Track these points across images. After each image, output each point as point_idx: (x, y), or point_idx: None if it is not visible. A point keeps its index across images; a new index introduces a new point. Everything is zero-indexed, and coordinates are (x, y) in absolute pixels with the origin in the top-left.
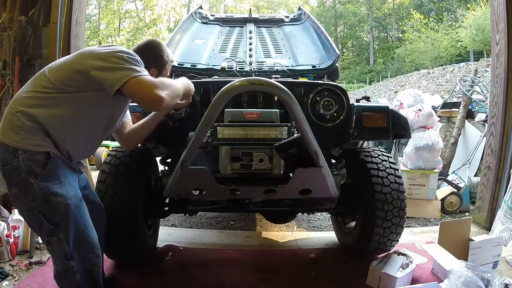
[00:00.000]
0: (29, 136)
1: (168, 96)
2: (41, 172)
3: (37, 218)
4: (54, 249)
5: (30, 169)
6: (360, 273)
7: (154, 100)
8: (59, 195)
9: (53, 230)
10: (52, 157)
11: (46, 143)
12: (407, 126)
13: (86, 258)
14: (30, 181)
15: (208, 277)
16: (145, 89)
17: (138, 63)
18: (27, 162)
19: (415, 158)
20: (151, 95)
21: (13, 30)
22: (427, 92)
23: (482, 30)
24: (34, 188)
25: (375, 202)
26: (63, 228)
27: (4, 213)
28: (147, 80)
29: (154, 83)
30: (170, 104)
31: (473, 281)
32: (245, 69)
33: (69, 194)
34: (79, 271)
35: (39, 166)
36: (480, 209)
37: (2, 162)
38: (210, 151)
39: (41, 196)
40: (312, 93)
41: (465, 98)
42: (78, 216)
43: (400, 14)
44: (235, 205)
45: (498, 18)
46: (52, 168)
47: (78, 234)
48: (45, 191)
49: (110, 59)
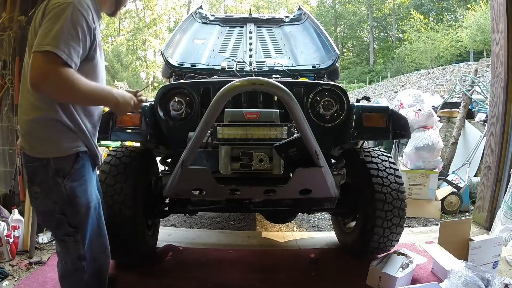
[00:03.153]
0: (55, 142)
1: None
2: (69, 171)
3: (56, 219)
4: (68, 249)
5: (60, 167)
6: (360, 273)
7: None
8: (83, 197)
9: (72, 232)
10: (80, 157)
11: (73, 142)
12: (407, 126)
13: (97, 258)
14: (58, 180)
15: (208, 277)
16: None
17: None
18: (57, 161)
19: (415, 158)
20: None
21: (13, 30)
22: (427, 92)
23: (482, 30)
24: (61, 188)
25: (375, 202)
26: (82, 230)
27: (4, 213)
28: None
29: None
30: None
31: (473, 281)
32: (245, 69)
33: (92, 196)
34: (88, 271)
35: (68, 166)
36: (480, 209)
37: (27, 160)
38: (210, 151)
39: (67, 197)
40: (312, 93)
41: (465, 98)
42: (96, 218)
43: (400, 14)
44: (235, 205)
45: (498, 18)
46: (78, 168)
47: (93, 235)
48: (71, 192)
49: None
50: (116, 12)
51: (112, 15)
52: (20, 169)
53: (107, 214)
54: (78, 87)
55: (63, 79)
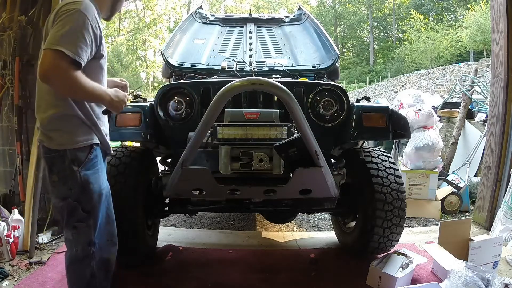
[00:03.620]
0: (72, 135)
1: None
2: (84, 161)
3: (71, 206)
4: (80, 235)
5: (76, 157)
6: (360, 273)
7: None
8: (96, 184)
9: (84, 217)
10: (94, 148)
11: (87, 135)
12: (407, 126)
13: (104, 246)
14: (73, 169)
15: (208, 277)
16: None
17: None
18: (73, 152)
19: (415, 158)
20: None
21: (13, 30)
22: (427, 92)
23: (482, 30)
24: (76, 176)
25: (375, 202)
26: (94, 215)
27: (4, 213)
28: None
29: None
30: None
31: (473, 281)
32: (245, 69)
33: (104, 184)
34: (96, 258)
35: (83, 156)
36: (480, 209)
37: (46, 152)
38: (210, 151)
39: (81, 184)
40: (312, 93)
41: (465, 98)
42: (105, 206)
43: (400, 14)
44: (235, 205)
45: (498, 18)
46: (92, 158)
47: (102, 222)
48: (84, 180)
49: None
50: (111, 17)
51: (107, 19)
52: (20, 169)
53: None
54: (80, 83)
55: (69, 74)
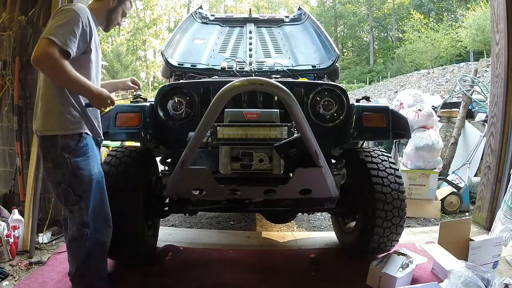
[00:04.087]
0: (62, 123)
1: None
2: (74, 148)
3: (64, 190)
4: (75, 216)
5: (67, 144)
6: (360, 273)
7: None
8: (86, 170)
9: (77, 201)
10: (83, 137)
11: (77, 124)
12: (407, 126)
13: (99, 228)
14: (64, 155)
15: (208, 277)
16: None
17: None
18: (64, 139)
19: (415, 158)
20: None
21: (13, 30)
22: (427, 92)
23: (482, 30)
24: (66, 162)
25: (375, 202)
26: (85, 198)
27: (4, 213)
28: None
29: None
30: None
31: (473, 281)
32: (245, 69)
33: (94, 170)
34: (91, 239)
35: (73, 143)
36: (480, 209)
37: (40, 142)
38: (210, 151)
39: (71, 170)
40: (312, 93)
41: (465, 98)
42: (98, 189)
43: (400, 14)
44: (235, 205)
45: (498, 18)
46: (82, 146)
47: (95, 206)
48: (75, 166)
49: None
50: (108, 28)
51: (105, 30)
52: (20, 169)
53: None
54: (66, 71)
55: (56, 61)
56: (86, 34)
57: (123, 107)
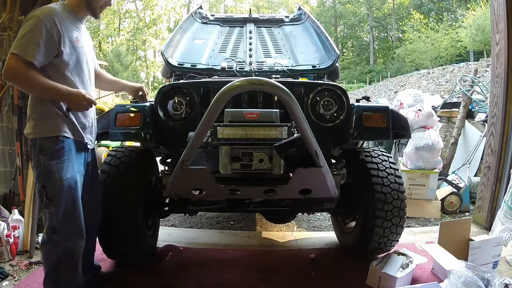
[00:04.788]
0: (41, 126)
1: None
2: (49, 150)
3: (39, 190)
4: (47, 220)
5: (43, 146)
6: (360, 273)
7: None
8: (58, 174)
9: (48, 204)
10: (60, 140)
11: (57, 127)
12: (407, 126)
13: (70, 236)
14: (40, 157)
15: (208, 277)
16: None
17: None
18: (42, 141)
19: (415, 158)
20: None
21: (13, 30)
22: (427, 92)
23: (482, 30)
24: (41, 164)
25: (375, 202)
26: (55, 203)
27: (4, 213)
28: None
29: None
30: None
31: (473, 281)
32: (245, 69)
33: (66, 175)
34: (61, 246)
35: (49, 146)
36: (480, 209)
37: (27, 143)
38: (210, 151)
39: (45, 172)
40: (312, 93)
41: (465, 98)
42: (69, 196)
43: (400, 14)
44: (235, 205)
45: (498, 18)
46: (58, 149)
47: (67, 212)
48: (48, 168)
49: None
50: (96, 14)
51: (94, 17)
52: (20, 169)
53: (107, 214)
54: (33, 81)
55: (22, 73)
56: (52, 37)
57: (123, 107)
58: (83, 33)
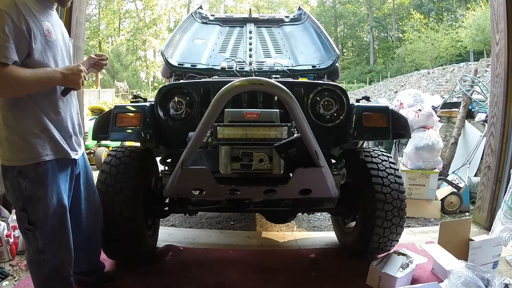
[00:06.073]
0: (16, 148)
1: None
2: (30, 174)
3: (19, 215)
4: (29, 241)
5: (22, 170)
6: (360, 273)
7: None
8: (42, 200)
9: (31, 228)
10: (42, 164)
11: (36, 152)
12: (407, 126)
13: (57, 254)
14: (19, 180)
15: (208, 277)
16: None
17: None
18: (20, 167)
19: (415, 158)
20: None
21: None
22: (427, 92)
23: (482, 30)
24: (21, 188)
25: (375, 202)
26: (40, 227)
27: (4, 213)
28: None
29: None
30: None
31: (473, 281)
32: (245, 69)
33: (52, 200)
34: (48, 263)
35: (29, 171)
36: (480, 209)
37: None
38: (210, 151)
39: (27, 197)
40: (312, 93)
41: (465, 98)
42: (55, 219)
43: (400, 14)
44: (235, 205)
45: (498, 18)
46: (40, 173)
47: (53, 233)
48: (31, 193)
49: None
50: (63, 2)
51: (60, 4)
52: None
53: (107, 214)
54: (15, 78)
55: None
56: (21, 30)
57: (123, 107)
58: (55, 23)
